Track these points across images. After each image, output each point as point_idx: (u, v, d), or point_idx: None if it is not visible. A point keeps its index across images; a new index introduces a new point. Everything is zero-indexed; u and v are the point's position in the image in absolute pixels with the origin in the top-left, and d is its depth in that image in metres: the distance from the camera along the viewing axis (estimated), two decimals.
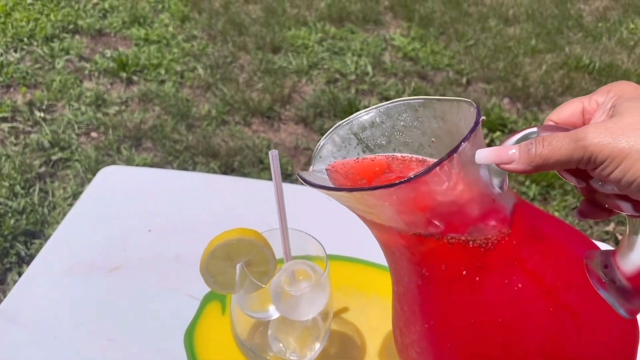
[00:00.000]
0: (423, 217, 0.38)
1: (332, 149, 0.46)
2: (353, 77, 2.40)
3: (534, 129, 0.37)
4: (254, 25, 2.69)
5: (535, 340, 0.38)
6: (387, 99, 2.29)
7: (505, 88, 2.40)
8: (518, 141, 0.36)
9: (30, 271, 0.66)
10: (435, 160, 0.38)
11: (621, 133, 0.32)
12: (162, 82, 2.25)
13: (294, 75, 2.38)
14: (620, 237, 1.77)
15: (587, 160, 0.33)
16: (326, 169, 0.45)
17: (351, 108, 2.12)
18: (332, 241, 0.61)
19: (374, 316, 0.63)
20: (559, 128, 0.36)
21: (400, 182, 0.35)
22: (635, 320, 0.41)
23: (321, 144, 0.45)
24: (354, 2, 2.97)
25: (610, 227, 1.81)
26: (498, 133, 2.13)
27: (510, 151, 0.36)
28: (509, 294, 0.38)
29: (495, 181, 0.38)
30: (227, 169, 1.87)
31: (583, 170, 0.34)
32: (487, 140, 2.10)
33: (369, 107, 0.46)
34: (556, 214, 1.81)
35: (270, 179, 0.52)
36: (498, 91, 2.38)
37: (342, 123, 0.45)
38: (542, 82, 2.45)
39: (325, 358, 0.58)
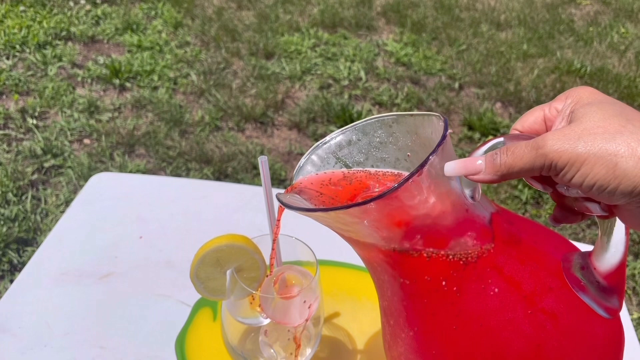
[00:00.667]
0: (399, 231, 0.38)
1: (311, 169, 0.46)
2: (346, 82, 2.41)
3: (501, 139, 0.37)
4: (247, 31, 2.70)
5: (517, 344, 0.38)
6: (380, 104, 2.29)
7: (497, 92, 2.41)
8: (486, 151, 0.37)
9: (21, 278, 0.66)
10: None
11: (578, 138, 0.33)
12: (155, 88, 2.24)
13: (287, 81, 2.38)
14: None
15: (549, 167, 0.34)
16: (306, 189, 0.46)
17: (344, 113, 2.13)
18: (323, 247, 0.61)
19: (365, 321, 0.63)
20: (524, 137, 0.37)
21: (372, 199, 0.35)
22: (619, 321, 0.41)
23: (301, 164, 0.46)
24: (347, 8, 2.99)
25: None
26: (491, 137, 2.14)
27: (477, 162, 0.37)
28: (488, 301, 0.38)
29: (467, 192, 0.39)
30: (221, 175, 1.87)
31: (548, 176, 0.35)
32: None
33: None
34: (548, 216, 1.82)
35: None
36: (490, 96, 2.39)
37: (319, 144, 0.46)
38: (534, 86, 2.46)
39: None
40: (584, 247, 0.45)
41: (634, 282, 1.66)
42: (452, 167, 0.37)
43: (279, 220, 0.49)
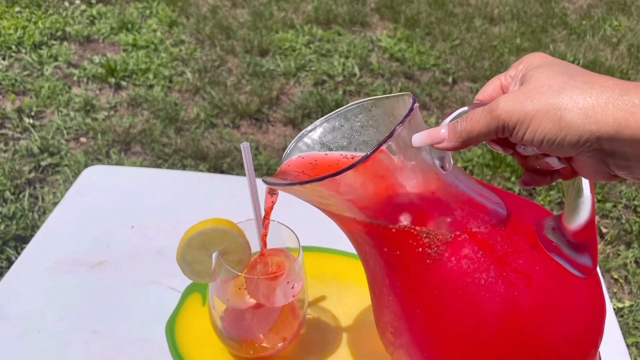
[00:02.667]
0: (374, 203, 0.40)
1: (300, 155, 0.49)
2: (340, 78, 2.42)
3: (465, 108, 0.40)
4: (242, 29, 2.72)
5: (492, 304, 0.40)
6: None
7: None
8: (451, 121, 0.39)
9: (15, 267, 0.67)
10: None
11: (526, 98, 0.35)
12: (151, 86, 2.26)
13: (282, 77, 2.40)
14: (604, 230, 1.80)
15: (503, 128, 0.36)
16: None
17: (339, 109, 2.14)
18: (310, 233, 0.63)
19: (351, 304, 0.65)
20: (485, 105, 0.39)
21: (343, 170, 0.37)
22: (597, 281, 0.43)
23: (288, 151, 0.49)
24: (341, 5, 3.00)
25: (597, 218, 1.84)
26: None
27: (441, 131, 0.39)
28: (463, 264, 0.40)
29: (437, 162, 0.41)
30: (216, 171, 1.88)
31: (506, 138, 0.37)
32: None
33: None
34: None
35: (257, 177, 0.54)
36: None
37: (304, 132, 0.49)
38: None
39: (303, 344, 0.60)
40: None
41: (625, 270, 1.68)
42: (419, 137, 0.39)
43: (270, 208, 0.51)
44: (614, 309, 1.55)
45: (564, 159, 0.38)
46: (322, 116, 2.22)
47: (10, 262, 1.50)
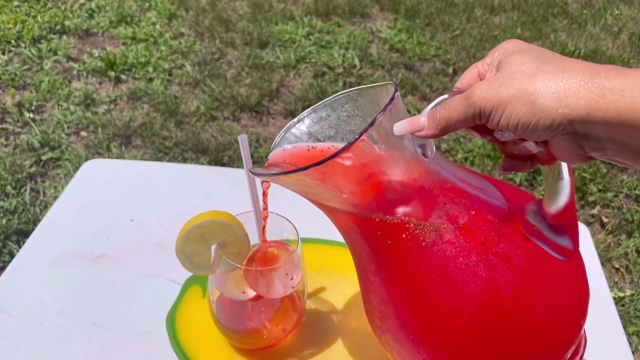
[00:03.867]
0: (358, 191, 0.41)
1: (286, 146, 0.49)
2: (340, 70, 2.42)
3: (445, 96, 0.40)
4: (241, 21, 2.71)
5: (474, 288, 0.40)
6: None
7: None
8: (431, 109, 0.40)
9: (16, 261, 0.68)
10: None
11: (501, 84, 0.35)
12: (151, 80, 2.26)
13: (282, 69, 2.39)
14: (605, 220, 1.80)
15: (479, 115, 0.36)
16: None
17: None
18: (309, 225, 0.63)
19: (350, 294, 0.65)
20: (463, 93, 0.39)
21: (326, 159, 0.37)
22: (580, 264, 0.43)
23: (276, 142, 0.49)
24: None
25: (595, 211, 1.84)
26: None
27: (421, 119, 0.39)
28: (445, 249, 0.41)
29: (419, 150, 0.41)
30: (217, 164, 1.89)
31: (484, 125, 0.37)
32: None
33: None
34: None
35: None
36: None
37: (292, 123, 0.49)
38: None
39: (303, 335, 0.61)
40: None
41: (626, 260, 1.68)
42: (400, 126, 0.40)
43: (265, 195, 0.52)
44: (615, 298, 1.56)
45: (541, 143, 0.39)
46: None
47: (13, 257, 1.50)
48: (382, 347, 0.50)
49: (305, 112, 0.50)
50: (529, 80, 0.34)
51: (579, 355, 0.45)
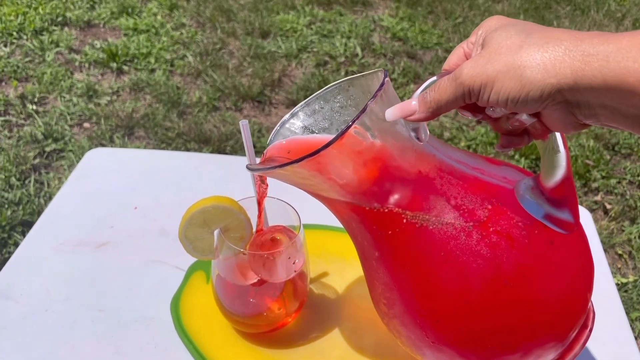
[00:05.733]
0: (355, 180, 0.41)
1: (281, 141, 0.50)
2: (342, 59, 2.41)
3: (434, 78, 0.40)
4: (243, 11, 2.70)
5: (477, 267, 0.40)
6: None
7: None
8: (421, 92, 0.40)
9: (21, 249, 0.68)
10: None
11: (487, 61, 0.35)
12: (153, 70, 2.26)
13: (284, 59, 2.39)
14: (608, 206, 1.80)
15: (468, 93, 0.37)
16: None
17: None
18: (312, 211, 0.63)
19: (352, 279, 0.65)
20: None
21: (320, 149, 0.38)
22: (582, 237, 0.43)
23: (271, 138, 0.49)
24: None
25: (599, 197, 1.84)
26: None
27: (412, 103, 0.40)
28: (445, 230, 0.41)
29: (413, 133, 0.41)
30: (220, 154, 1.89)
31: (474, 104, 0.38)
32: None
33: None
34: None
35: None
36: None
37: (287, 118, 0.49)
38: None
39: (306, 319, 0.61)
40: None
41: (629, 246, 1.68)
42: (391, 112, 0.40)
43: (265, 183, 0.52)
44: (618, 284, 1.56)
45: (534, 115, 0.39)
46: None
47: (18, 247, 1.51)
48: (388, 332, 0.51)
49: (298, 107, 0.50)
50: (515, 54, 0.34)
51: (588, 328, 0.45)
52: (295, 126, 0.50)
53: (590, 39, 0.33)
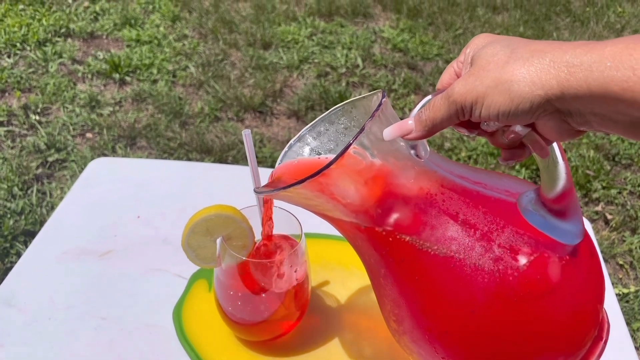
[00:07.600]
0: (358, 199, 0.41)
1: (292, 160, 0.51)
2: (343, 70, 2.43)
3: (429, 97, 0.41)
4: (244, 22, 2.72)
5: (480, 281, 0.41)
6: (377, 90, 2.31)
7: None
8: (418, 111, 0.41)
9: (25, 257, 0.69)
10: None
11: (476, 78, 0.36)
12: (155, 81, 2.27)
13: (285, 70, 2.40)
14: (609, 217, 1.80)
15: (461, 110, 0.38)
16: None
17: (342, 100, 2.15)
18: (314, 220, 0.64)
19: (353, 287, 0.66)
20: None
21: (321, 170, 0.38)
22: (590, 246, 0.43)
23: (279, 161, 0.51)
24: None
25: (599, 208, 1.84)
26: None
27: (408, 122, 0.41)
28: (451, 247, 0.41)
29: (412, 151, 0.42)
30: (222, 164, 1.90)
31: (469, 120, 0.38)
32: None
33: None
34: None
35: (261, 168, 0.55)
36: None
37: (293, 141, 0.51)
38: None
39: (307, 327, 0.61)
40: None
41: (630, 256, 1.68)
42: (389, 131, 0.41)
43: (269, 204, 0.53)
44: (619, 295, 1.56)
45: (528, 125, 0.39)
46: (325, 108, 2.25)
47: (20, 257, 1.52)
48: (388, 341, 0.51)
49: (304, 130, 0.51)
50: (502, 70, 0.35)
51: (603, 340, 0.45)
52: (302, 149, 0.51)
53: (573, 49, 0.34)
